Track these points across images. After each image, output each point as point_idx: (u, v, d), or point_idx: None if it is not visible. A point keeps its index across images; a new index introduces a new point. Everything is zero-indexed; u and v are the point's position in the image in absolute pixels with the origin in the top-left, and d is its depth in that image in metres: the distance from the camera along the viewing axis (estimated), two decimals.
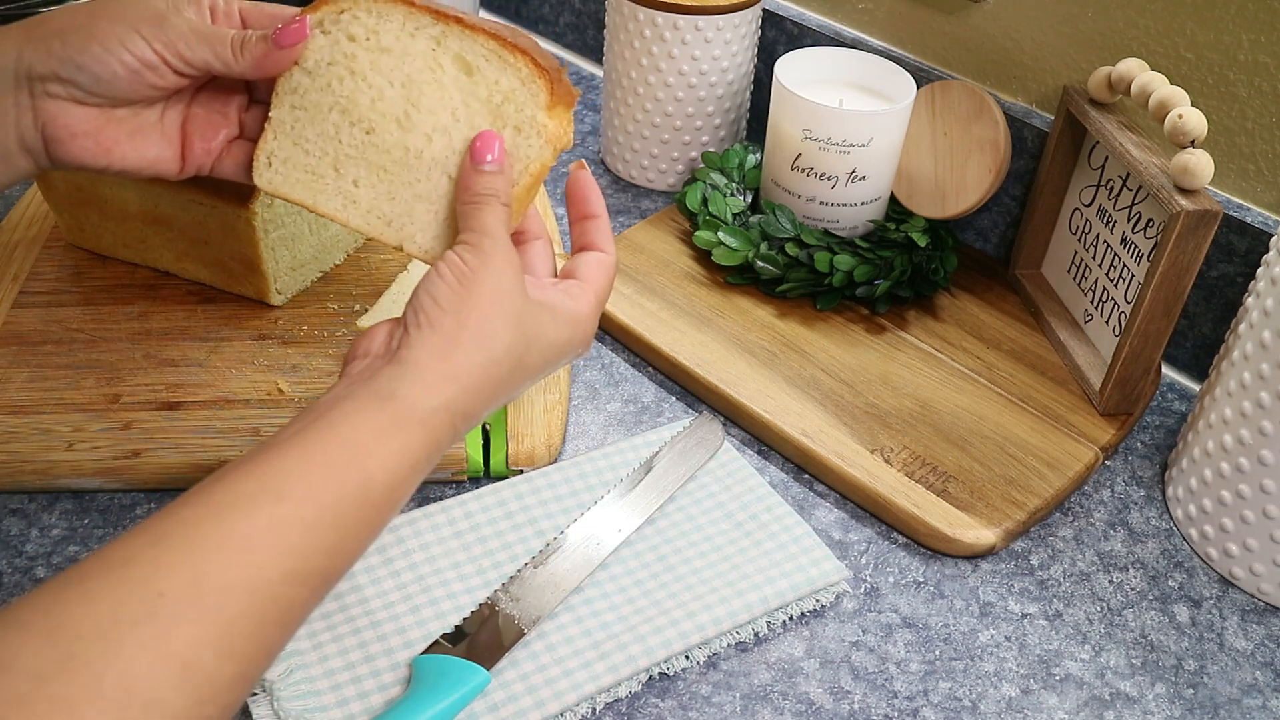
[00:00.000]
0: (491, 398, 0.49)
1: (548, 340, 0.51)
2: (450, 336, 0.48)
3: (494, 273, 0.49)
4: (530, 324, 0.50)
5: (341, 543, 0.43)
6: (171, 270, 0.76)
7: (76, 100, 0.51)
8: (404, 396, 0.46)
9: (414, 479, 0.46)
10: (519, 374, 0.50)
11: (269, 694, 0.53)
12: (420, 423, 0.46)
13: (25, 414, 0.66)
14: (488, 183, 0.51)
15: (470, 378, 0.48)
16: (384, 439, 0.45)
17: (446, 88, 0.51)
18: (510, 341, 0.49)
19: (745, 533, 0.63)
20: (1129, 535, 0.67)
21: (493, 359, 0.48)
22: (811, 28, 0.90)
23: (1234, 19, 0.69)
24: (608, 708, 0.56)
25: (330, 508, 0.43)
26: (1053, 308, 0.79)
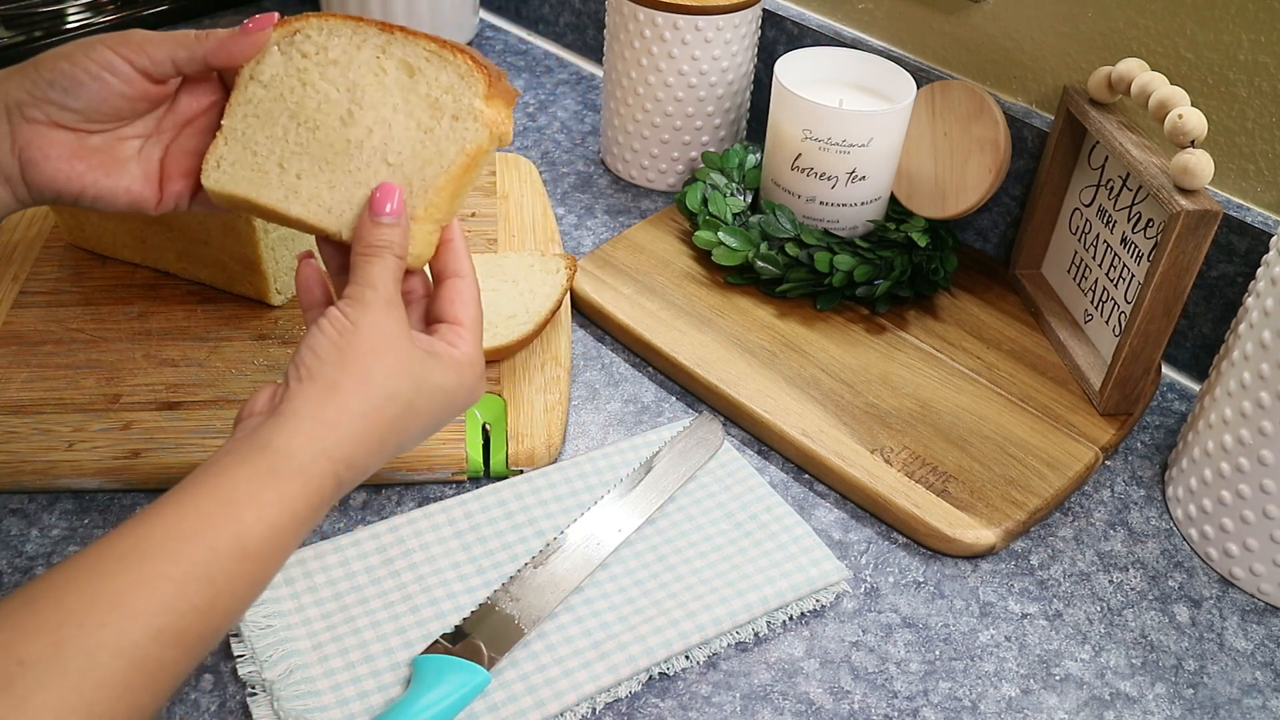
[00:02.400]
0: (379, 445, 0.48)
1: (436, 386, 0.50)
2: (330, 384, 0.47)
3: (374, 323, 0.48)
4: (416, 369, 0.49)
5: (217, 600, 0.42)
6: (171, 270, 0.76)
7: (53, 122, 0.52)
8: (280, 446, 0.45)
9: (295, 531, 0.45)
10: (408, 420, 0.49)
11: (269, 694, 0.53)
12: (298, 471, 0.45)
13: (25, 414, 0.66)
14: (383, 234, 0.50)
15: (351, 425, 0.47)
16: (259, 489, 0.44)
17: (389, 88, 0.53)
18: (394, 388, 0.48)
19: (745, 533, 0.63)
20: (1129, 535, 0.67)
21: (375, 406, 0.47)
22: (811, 28, 0.90)
23: (1234, 19, 0.69)
24: (608, 708, 0.56)
25: (202, 564, 0.41)
26: (1053, 308, 0.79)
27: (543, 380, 0.70)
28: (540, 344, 0.73)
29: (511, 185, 0.87)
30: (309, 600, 0.57)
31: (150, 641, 0.39)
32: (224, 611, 0.42)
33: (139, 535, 0.42)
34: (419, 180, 0.52)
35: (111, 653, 0.39)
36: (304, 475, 0.45)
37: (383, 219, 0.50)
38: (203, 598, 0.41)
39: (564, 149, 0.96)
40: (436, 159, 0.52)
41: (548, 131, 0.98)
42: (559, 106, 1.02)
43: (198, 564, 0.41)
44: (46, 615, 0.39)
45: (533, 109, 1.01)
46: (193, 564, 0.41)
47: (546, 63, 1.08)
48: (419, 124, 0.53)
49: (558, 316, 0.75)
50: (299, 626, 0.56)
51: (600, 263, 0.81)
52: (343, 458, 0.46)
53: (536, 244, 0.81)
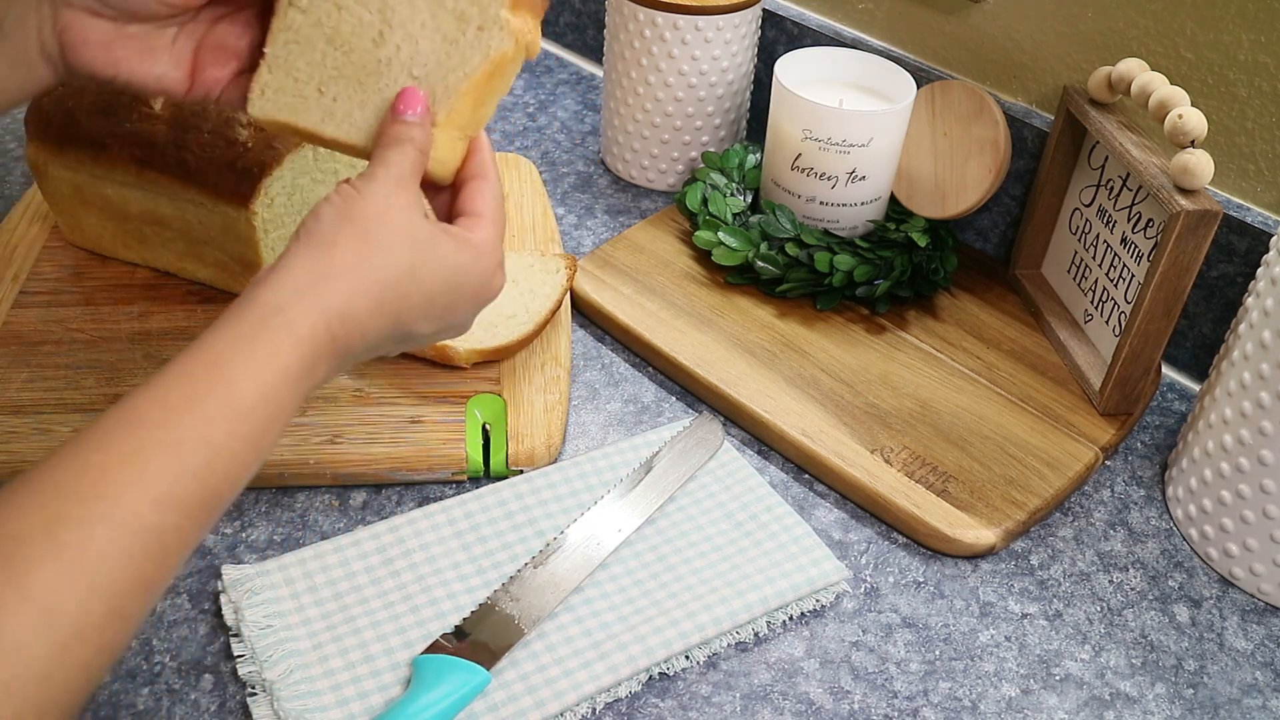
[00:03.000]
0: (376, 305, 0.46)
1: (445, 258, 0.49)
2: (326, 241, 0.46)
3: (381, 192, 0.48)
4: (422, 238, 0.48)
5: (214, 462, 0.41)
6: (171, 270, 0.76)
7: (92, 11, 0.52)
8: (267, 300, 0.44)
9: (291, 388, 0.44)
10: (410, 286, 0.47)
11: (269, 694, 0.53)
12: (286, 324, 0.44)
13: (25, 414, 0.66)
14: (403, 130, 0.50)
15: (345, 278, 0.45)
16: (247, 346, 0.43)
17: (418, 6, 0.54)
18: (394, 246, 0.47)
19: (745, 533, 0.63)
20: (1129, 535, 0.67)
21: (372, 263, 0.46)
22: (811, 28, 0.90)
23: (1234, 19, 0.69)
24: (608, 708, 0.56)
25: (193, 427, 0.41)
26: (1053, 308, 0.79)
27: (543, 380, 0.70)
28: (540, 344, 0.73)
29: (511, 185, 0.87)
30: (309, 600, 0.57)
31: (148, 510, 0.39)
32: (224, 474, 0.42)
33: (129, 408, 0.41)
34: (442, 87, 0.52)
35: (108, 524, 0.38)
36: (293, 328, 0.44)
37: (406, 117, 0.50)
38: (198, 460, 0.40)
39: (564, 149, 0.96)
40: (460, 66, 0.52)
41: (548, 131, 0.98)
42: (559, 106, 1.02)
43: (190, 427, 0.41)
44: (40, 492, 0.38)
45: (533, 109, 1.01)
46: (185, 428, 0.40)
47: (546, 63, 1.08)
48: (445, 36, 0.53)
49: (558, 316, 0.75)
50: (299, 626, 0.56)
51: (600, 263, 0.81)
52: (335, 310, 0.45)
53: (536, 244, 0.81)
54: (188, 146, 0.69)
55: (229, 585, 0.58)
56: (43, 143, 0.72)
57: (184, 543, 0.41)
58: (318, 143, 0.54)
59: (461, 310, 0.50)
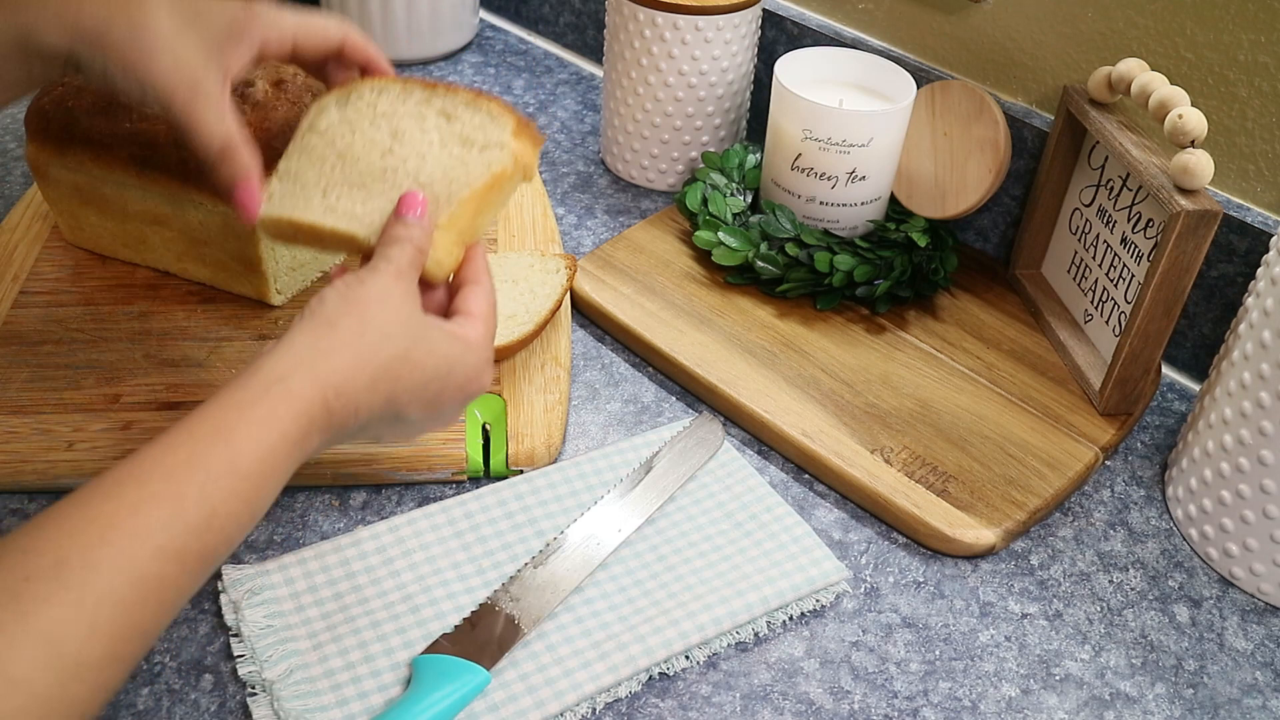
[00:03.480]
0: (371, 382, 0.49)
1: (438, 347, 0.51)
2: (327, 320, 0.49)
3: (382, 282, 0.51)
4: (418, 326, 0.51)
5: (213, 518, 0.43)
6: (171, 270, 0.76)
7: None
8: (270, 369, 0.47)
9: (287, 453, 0.46)
10: (404, 369, 0.50)
11: (269, 694, 0.53)
12: (287, 393, 0.46)
13: (25, 414, 0.66)
14: (404, 229, 0.53)
15: (344, 356, 0.48)
16: (249, 411, 0.45)
17: (428, 129, 0.58)
18: (394, 333, 0.50)
19: (745, 533, 0.63)
20: (1129, 535, 0.67)
21: (370, 343, 0.49)
22: (811, 28, 0.90)
23: (1234, 19, 0.69)
24: (608, 708, 0.56)
25: (196, 484, 0.43)
26: (1053, 308, 0.79)
27: (543, 380, 0.70)
28: (540, 344, 0.73)
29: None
30: (309, 600, 0.57)
31: (149, 559, 0.41)
32: (221, 531, 0.44)
33: (136, 463, 0.43)
34: (445, 194, 0.55)
35: (111, 569, 0.40)
36: (293, 397, 0.46)
37: (407, 218, 0.54)
38: (199, 516, 0.43)
39: (564, 149, 0.96)
40: (463, 177, 0.56)
41: (548, 131, 0.98)
42: (559, 106, 1.02)
43: (192, 484, 0.43)
44: (50, 536, 0.41)
45: (533, 109, 1.01)
46: (187, 484, 0.43)
47: (546, 63, 1.08)
48: (451, 154, 0.57)
49: (558, 316, 0.75)
50: (299, 626, 0.56)
51: (600, 263, 0.81)
52: (333, 385, 0.47)
53: (536, 244, 0.81)
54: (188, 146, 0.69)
55: (229, 585, 0.58)
56: (43, 143, 0.72)
57: (179, 593, 0.43)
58: (314, 238, 0.57)
59: (449, 399, 0.53)
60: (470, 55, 1.09)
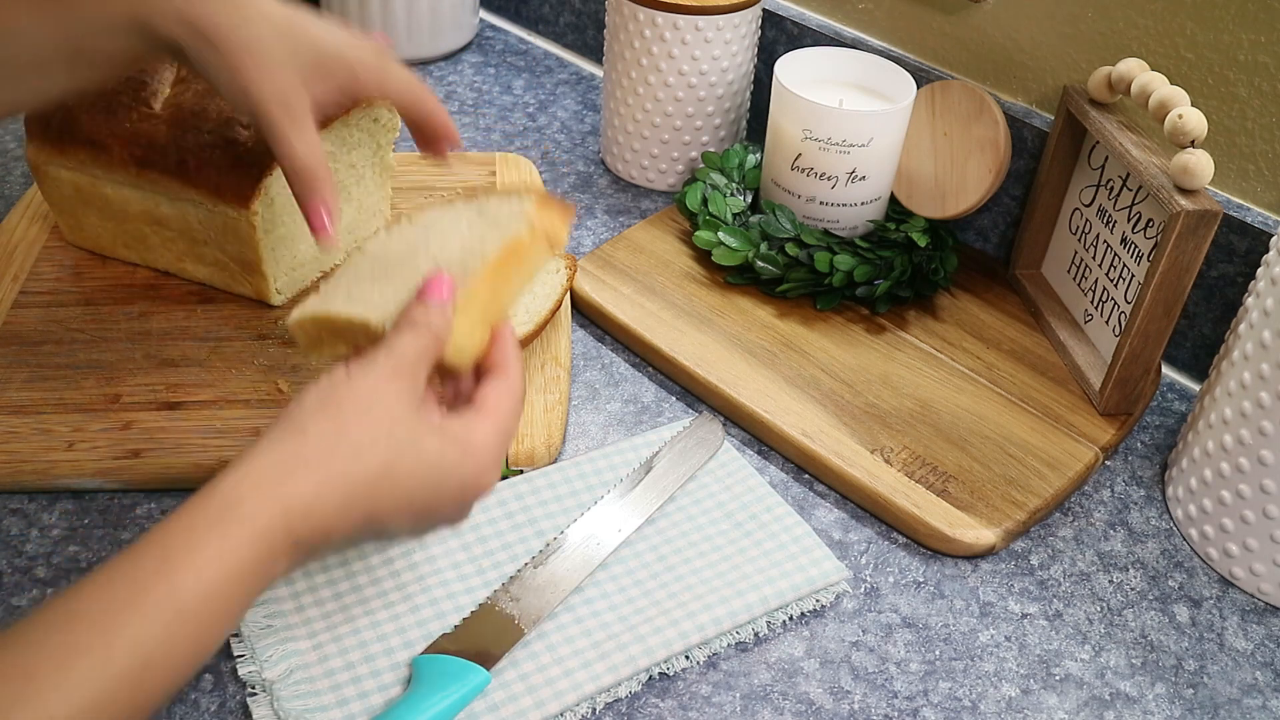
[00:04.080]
0: (343, 504, 0.43)
1: (427, 457, 0.46)
2: (299, 427, 0.44)
3: (371, 382, 0.46)
4: (405, 434, 0.45)
5: (146, 670, 0.39)
6: (171, 270, 0.76)
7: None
8: (226, 490, 0.42)
9: (242, 589, 0.41)
10: (384, 486, 0.45)
11: (269, 694, 0.53)
12: (243, 520, 0.41)
13: (25, 414, 0.66)
14: (421, 313, 0.49)
15: (312, 474, 0.43)
16: (199, 539, 0.40)
17: (459, 221, 0.56)
18: (372, 445, 0.44)
19: (745, 533, 0.63)
20: (1129, 535, 0.67)
21: (343, 458, 0.44)
22: (811, 28, 0.90)
23: (1234, 19, 0.69)
24: (608, 708, 0.56)
25: (129, 628, 0.38)
26: (1053, 308, 0.79)
27: (543, 380, 0.70)
28: (540, 344, 0.73)
29: None
30: (309, 600, 0.57)
31: (74, 716, 0.37)
32: (157, 681, 0.39)
33: (74, 597, 0.39)
34: (461, 274, 0.52)
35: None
36: (249, 523, 0.41)
37: (429, 301, 0.49)
38: (130, 667, 0.38)
39: (564, 149, 0.96)
40: (479, 252, 0.53)
41: (548, 131, 0.98)
42: (559, 106, 1.02)
43: (125, 631, 0.39)
44: None
45: (533, 109, 1.01)
46: (119, 632, 0.38)
47: (546, 63, 1.08)
48: (475, 234, 0.55)
49: (558, 316, 0.75)
50: (299, 626, 0.56)
51: (600, 263, 0.81)
52: (299, 510, 0.42)
53: None
54: (188, 146, 0.69)
55: None
56: (43, 143, 0.72)
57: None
58: (335, 330, 0.54)
59: (444, 510, 0.48)
60: (470, 55, 1.09)
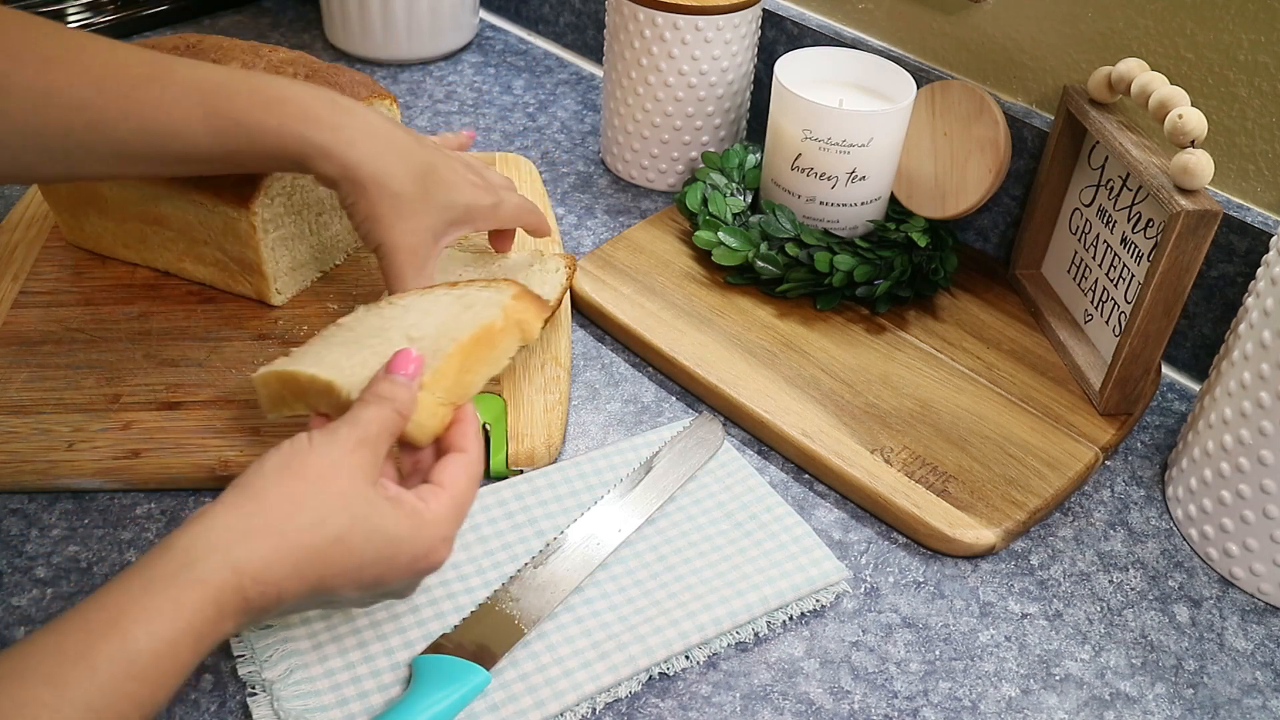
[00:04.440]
0: (296, 570, 0.44)
1: (382, 528, 0.47)
2: (256, 494, 0.45)
3: (331, 453, 0.47)
4: (362, 506, 0.47)
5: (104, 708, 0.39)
6: (171, 270, 0.76)
7: None
8: (182, 550, 0.42)
9: (192, 648, 0.41)
10: (337, 553, 0.46)
11: (269, 694, 0.53)
12: (198, 580, 0.42)
13: (25, 414, 0.66)
14: (388, 387, 0.50)
15: (267, 540, 0.44)
16: (152, 599, 0.41)
17: (437, 300, 0.59)
18: (326, 515, 0.45)
19: (745, 533, 0.63)
20: (1129, 535, 0.67)
21: (299, 526, 0.45)
22: (811, 28, 0.90)
23: (1234, 19, 0.69)
24: (608, 708, 0.56)
25: (79, 685, 0.39)
26: (1053, 308, 0.79)
27: (543, 380, 0.70)
28: (540, 344, 0.73)
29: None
30: None
31: None
32: None
33: (26, 652, 0.39)
34: (434, 350, 0.53)
35: None
36: (202, 583, 0.42)
37: (396, 375, 0.51)
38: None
39: (564, 149, 0.96)
40: (452, 332, 0.55)
41: (548, 131, 0.98)
42: (559, 106, 1.02)
43: (77, 687, 0.39)
44: None
45: (533, 109, 1.01)
46: (71, 687, 0.39)
47: (546, 63, 1.08)
48: (451, 315, 0.57)
49: (558, 316, 0.75)
50: (299, 626, 0.56)
51: (600, 263, 0.81)
52: (251, 573, 0.43)
53: (536, 244, 0.81)
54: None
55: None
56: None
57: None
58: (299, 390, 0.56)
59: (395, 580, 0.49)
60: (470, 55, 1.09)
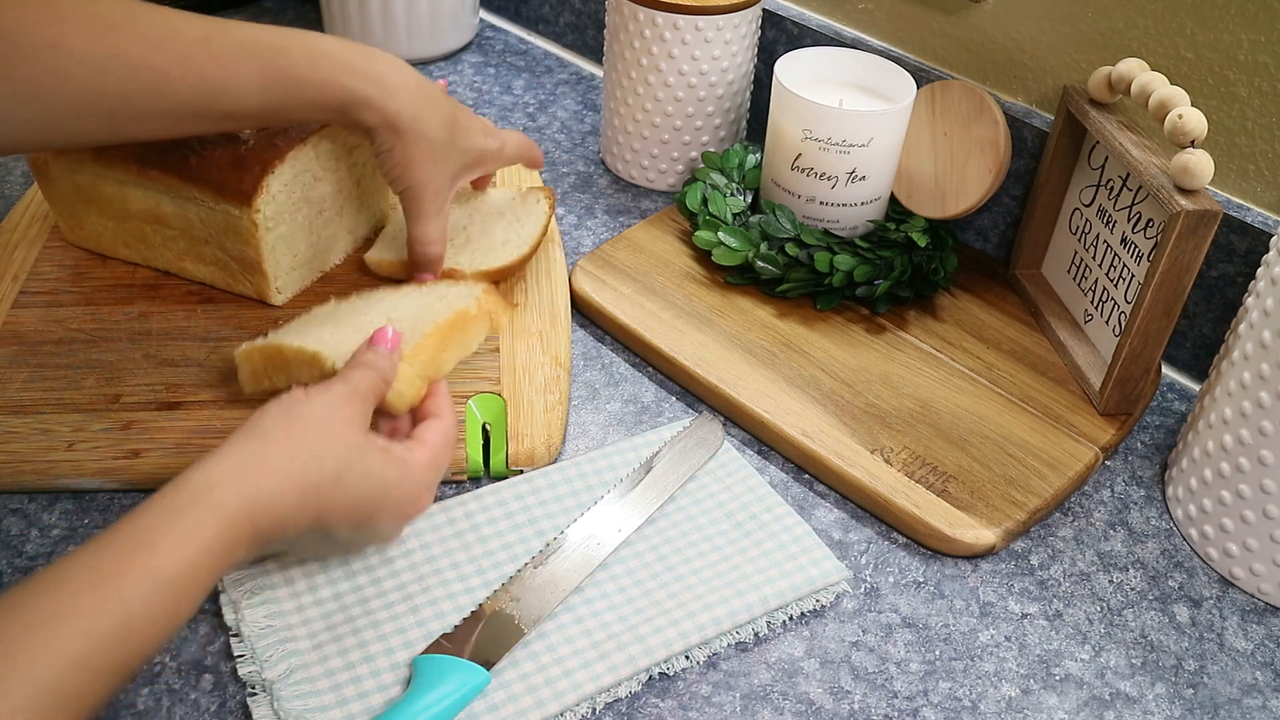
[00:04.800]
0: (298, 502, 0.49)
1: (374, 471, 0.52)
2: (263, 434, 0.50)
3: (330, 401, 0.52)
4: (356, 450, 0.51)
5: (130, 632, 0.43)
6: (172, 270, 0.76)
7: None
8: (198, 482, 0.47)
9: (210, 567, 0.46)
10: (333, 491, 0.50)
11: (269, 694, 0.53)
12: (214, 508, 0.46)
13: (25, 414, 0.66)
14: (372, 356, 0.56)
15: (272, 475, 0.48)
16: (173, 520, 0.45)
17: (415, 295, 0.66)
18: (324, 454, 0.50)
19: (745, 533, 0.63)
20: (1129, 535, 0.67)
21: (300, 463, 0.49)
22: (811, 28, 0.90)
23: (1234, 19, 0.69)
24: (608, 708, 0.56)
25: (113, 596, 0.43)
26: (1053, 308, 0.79)
27: (543, 380, 0.70)
28: (540, 344, 0.73)
29: (512, 184, 0.87)
30: (309, 600, 0.57)
31: (65, 668, 0.41)
32: (135, 645, 0.43)
33: (61, 568, 0.43)
34: (411, 330, 0.60)
35: (24, 679, 0.40)
36: (218, 509, 0.46)
37: (377, 347, 0.57)
38: (114, 628, 0.42)
39: (564, 149, 0.96)
40: (430, 315, 0.62)
41: (548, 131, 0.98)
42: (559, 106, 1.02)
43: (110, 596, 0.43)
44: None
45: (533, 109, 1.01)
46: (105, 597, 0.43)
47: (546, 63, 1.08)
48: (425, 301, 0.65)
49: (557, 310, 0.75)
50: (299, 626, 0.56)
51: (600, 263, 0.81)
52: (261, 505, 0.48)
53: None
54: (189, 144, 0.69)
55: (229, 585, 0.58)
56: None
57: (95, 702, 0.42)
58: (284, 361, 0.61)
59: (384, 522, 0.53)
60: (470, 55, 1.09)
